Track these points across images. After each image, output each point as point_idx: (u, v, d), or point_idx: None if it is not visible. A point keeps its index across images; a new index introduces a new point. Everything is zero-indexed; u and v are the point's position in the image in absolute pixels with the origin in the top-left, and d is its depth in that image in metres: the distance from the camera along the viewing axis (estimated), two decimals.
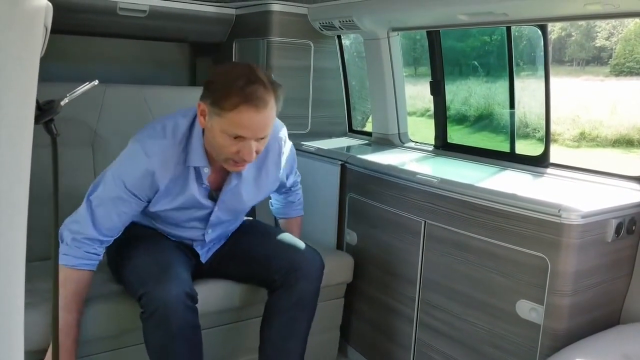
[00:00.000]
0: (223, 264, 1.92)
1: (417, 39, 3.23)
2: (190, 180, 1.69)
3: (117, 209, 1.64)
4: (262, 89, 1.50)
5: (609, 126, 9.58)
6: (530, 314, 1.71)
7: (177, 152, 1.64)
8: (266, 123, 1.55)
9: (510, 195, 1.75)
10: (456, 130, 4.09)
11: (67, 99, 0.91)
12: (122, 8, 2.26)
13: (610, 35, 11.37)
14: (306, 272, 1.83)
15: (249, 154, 1.55)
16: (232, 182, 1.75)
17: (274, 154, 1.83)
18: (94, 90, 2.12)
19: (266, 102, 1.51)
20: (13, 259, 0.63)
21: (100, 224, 1.64)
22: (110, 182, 1.63)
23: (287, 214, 2.14)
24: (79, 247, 1.63)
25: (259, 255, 1.88)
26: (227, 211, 1.81)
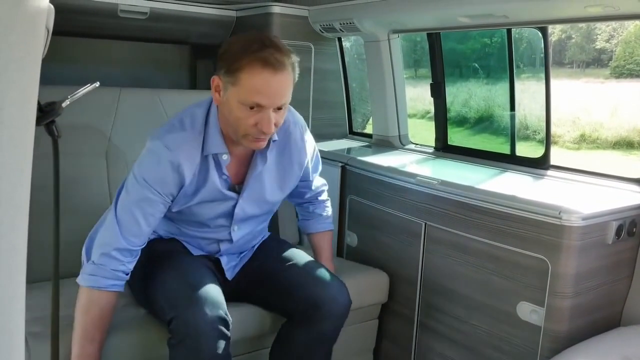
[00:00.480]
0: (247, 285, 1.79)
1: (418, 41, 3.23)
2: (210, 170, 1.58)
3: (142, 210, 1.52)
4: (277, 52, 1.42)
5: (609, 128, 9.58)
6: (531, 315, 1.71)
7: (198, 143, 1.55)
8: (284, 88, 1.45)
9: (511, 197, 1.75)
10: (456, 132, 4.09)
11: (69, 100, 0.91)
12: (123, 10, 2.26)
13: (610, 37, 11.38)
14: (329, 311, 1.68)
15: (268, 125, 1.44)
16: (257, 168, 1.63)
17: (295, 139, 1.71)
18: (107, 95, 2.13)
19: (283, 65, 1.42)
20: (14, 261, 0.63)
21: (127, 231, 1.51)
22: (133, 184, 1.53)
23: (316, 228, 1.96)
24: (107, 264, 1.50)
25: (281, 283, 1.74)
26: (252, 202, 1.69)
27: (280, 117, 1.49)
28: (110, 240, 1.51)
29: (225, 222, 1.70)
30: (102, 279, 1.49)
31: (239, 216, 1.69)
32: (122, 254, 1.51)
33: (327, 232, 1.97)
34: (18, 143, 0.61)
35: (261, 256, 1.83)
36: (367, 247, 2.30)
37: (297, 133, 1.71)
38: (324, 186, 1.96)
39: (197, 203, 1.61)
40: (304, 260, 1.80)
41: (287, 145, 1.70)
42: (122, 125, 2.17)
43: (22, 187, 0.62)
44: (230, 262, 1.79)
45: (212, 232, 1.72)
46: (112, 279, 1.50)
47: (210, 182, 1.58)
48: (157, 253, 1.67)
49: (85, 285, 1.49)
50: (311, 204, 1.95)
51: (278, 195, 1.74)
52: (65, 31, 2.26)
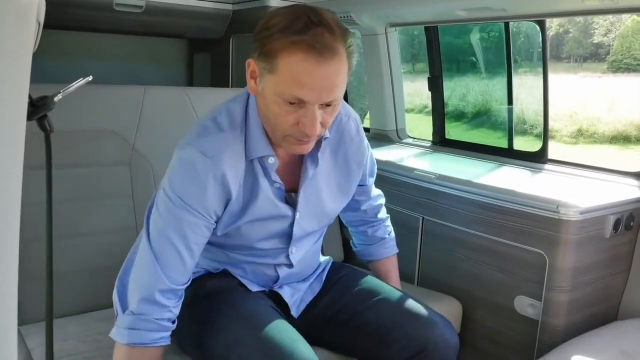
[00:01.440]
0: (321, 327, 1.45)
1: (415, 35, 3.22)
2: (260, 178, 1.27)
3: (183, 239, 1.20)
4: (327, 34, 1.09)
5: (606, 122, 9.61)
6: (529, 309, 1.71)
7: (241, 145, 1.24)
8: (334, 81, 1.12)
9: (509, 192, 1.75)
10: (454, 127, 4.09)
11: (61, 94, 0.90)
12: (118, 3, 2.24)
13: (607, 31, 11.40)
14: (444, 355, 1.35)
15: (312, 125, 1.13)
16: (308, 172, 1.31)
17: (350, 133, 1.41)
18: (130, 96, 1.96)
19: (334, 51, 1.09)
20: (6, 257, 0.63)
21: (168, 267, 1.20)
22: (166, 205, 1.21)
23: (381, 254, 1.64)
24: (149, 312, 1.19)
25: (371, 323, 1.39)
26: (310, 217, 1.37)
27: (330, 115, 1.17)
28: (148, 280, 1.20)
29: (281, 244, 1.38)
30: (146, 333, 1.19)
31: (297, 235, 1.38)
32: (165, 297, 1.20)
33: (392, 257, 1.67)
34: (9, 137, 0.60)
35: (334, 289, 1.49)
36: None
37: (351, 126, 1.41)
38: (381, 198, 1.65)
39: (247, 222, 1.29)
40: (392, 292, 1.46)
41: (341, 142, 1.39)
42: (148, 129, 1.90)
43: (13, 181, 0.61)
44: (294, 295, 1.45)
45: (267, 256, 1.40)
46: (158, 331, 1.20)
47: (262, 193, 1.28)
48: (207, 290, 1.37)
49: (126, 343, 1.19)
50: (370, 225, 1.63)
51: (339, 202, 1.43)
52: (58, 24, 2.24)
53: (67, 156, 1.71)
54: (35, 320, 1.55)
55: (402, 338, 1.34)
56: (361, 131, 1.46)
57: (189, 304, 1.30)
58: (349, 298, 1.45)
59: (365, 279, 1.51)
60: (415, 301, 1.43)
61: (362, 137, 1.45)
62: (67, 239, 1.66)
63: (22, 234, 0.65)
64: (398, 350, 1.35)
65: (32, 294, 1.33)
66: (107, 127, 1.83)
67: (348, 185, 1.43)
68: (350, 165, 1.41)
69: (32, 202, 0.92)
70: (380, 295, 1.43)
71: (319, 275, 1.53)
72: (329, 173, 1.38)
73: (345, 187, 1.43)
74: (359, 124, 1.45)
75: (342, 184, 1.41)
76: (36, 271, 1.26)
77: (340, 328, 1.43)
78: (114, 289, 1.30)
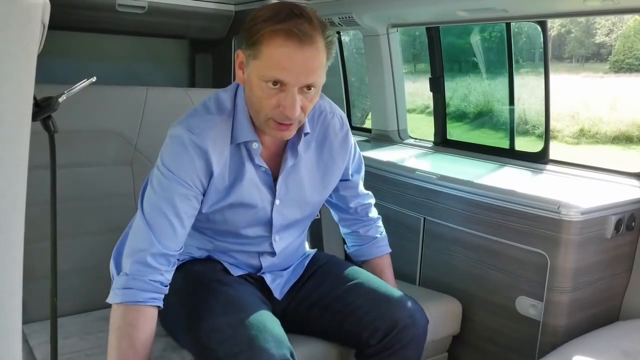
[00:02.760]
0: (302, 311, 1.53)
1: (417, 35, 3.23)
2: (245, 162, 1.36)
3: (174, 209, 1.28)
4: (306, 23, 1.20)
5: (608, 123, 9.59)
6: (530, 310, 1.71)
7: (227, 129, 1.34)
8: (312, 65, 1.22)
9: (510, 192, 1.75)
10: (456, 127, 4.09)
11: (65, 95, 0.91)
12: (121, 4, 2.25)
13: (609, 31, 11.37)
14: (413, 334, 1.43)
15: (292, 106, 1.21)
16: (287, 162, 1.40)
17: (334, 129, 1.49)
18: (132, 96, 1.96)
19: (312, 38, 1.20)
20: (11, 257, 0.63)
21: (160, 234, 1.27)
22: (158, 178, 1.30)
23: (372, 253, 1.69)
24: (142, 273, 1.25)
25: (348, 305, 1.47)
26: (291, 205, 1.45)
27: (309, 101, 1.26)
28: (142, 245, 1.26)
29: (264, 232, 1.46)
30: (139, 292, 1.24)
31: (278, 222, 1.45)
32: (158, 261, 1.26)
33: (385, 257, 1.70)
34: (14, 138, 0.60)
35: (316, 276, 1.56)
36: None
37: (336, 122, 1.50)
38: (371, 198, 1.70)
39: (230, 205, 1.37)
40: (369, 277, 1.54)
41: (326, 137, 1.48)
42: (150, 130, 1.90)
43: (18, 181, 0.62)
44: (275, 279, 1.53)
45: (251, 244, 1.48)
46: (150, 291, 1.25)
47: (247, 175, 1.36)
48: (194, 276, 1.43)
49: (119, 302, 1.23)
50: (362, 225, 1.68)
51: (320, 193, 1.51)
52: (61, 25, 2.25)
53: (69, 156, 1.72)
54: (37, 319, 1.56)
55: (377, 319, 1.42)
56: (346, 128, 1.53)
57: (177, 290, 1.36)
58: (331, 282, 1.53)
59: (347, 266, 1.59)
60: (389, 286, 1.52)
61: (347, 134, 1.53)
62: (69, 238, 1.67)
63: (25, 233, 0.65)
64: (373, 332, 1.42)
65: (34, 293, 1.33)
66: (109, 127, 1.84)
67: (330, 178, 1.51)
68: (334, 158, 1.50)
69: (35, 202, 0.92)
70: (359, 279, 1.52)
71: (301, 261, 1.59)
72: (313, 165, 1.46)
73: (328, 180, 1.51)
74: (344, 121, 1.54)
75: (325, 177, 1.50)
76: (38, 270, 1.27)
77: (324, 312, 1.50)
78: (111, 258, 1.39)
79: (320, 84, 1.27)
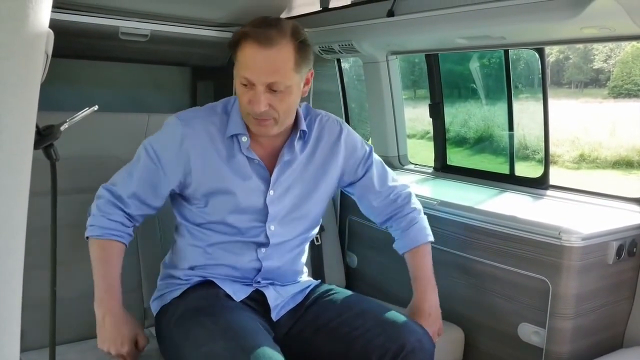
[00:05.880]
0: (306, 336, 1.53)
1: (416, 62, 3.26)
2: (237, 154, 1.51)
3: (139, 173, 1.51)
4: (275, 31, 1.37)
5: (608, 148, 9.61)
6: (533, 337, 1.69)
7: (221, 124, 1.52)
8: (274, 65, 1.38)
9: (511, 218, 1.75)
10: (456, 153, 4.10)
11: (67, 124, 0.92)
12: (124, 32, 2.28)
13: (607, 57, 11.47)
14: (420, 358, 1.42)
15: (257, 103, 1.38)
16: (284, 156, 1.54)
17: (330, 129, 1.64)
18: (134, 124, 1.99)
19: (274, 41, 1.36)
20: (10, 284, 0.63)
21: (121, 185, 1.52)
22: (139, 152, 1.53)
23: (404, 245, 1.69)
24: (103, 214, 1.50)
25: (355, 329, 1.47)
26: (287, 197, 1.56)
27: (280, 101, 1.41)
28: (106, 190, 1.53)
29: (258, 222, 1.54)
30: (97, 228, 1.50)
31: (274, 211, 1.54)
32: (114, 205, 1.51)
33: (420, 248, 1.69)
34: (15, 166, 0.61)
35: (320, 303, 1.58)
36: (367, 267, 2.29)
37: (335, 128, 1.64)
38: (403, 190, 1.72)
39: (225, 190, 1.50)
40: (375, 303, 1.59)
41: (322, 136, 1.62)
42: None
43: (19, 210, 0.62)
44: (277, 298, 1.56)
45: (244, 234, 1.54)
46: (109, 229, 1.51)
47: (238, 165, 1.51)
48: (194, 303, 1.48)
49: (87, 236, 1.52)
50: (395, 218, 1.72)
51: (315, 189, 1.61)
52: (64, 53, 2.27)
53: (71, 182, 1.73)
54: (36, 347, 1.54)
55: (386, 342, 1.42)
56: (344, 128, 1.66)
57: (177, 317, 1.45)
58: (337, 308, 1.54)
59: (349, 294, 1.61)
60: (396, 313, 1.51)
61: (342, 132, 1.65)
62: (69, 266, 1.67)
63: (24, 260, 0.65)
64: (382, 355, 1.41)
65: (34, 321, 1.32)
66: (111, 153, 1.86)
67: (326, 175, 1.62)
68: (329, 156, 1.62)
69: (35, 229, 0.92)
70: (365, 305, 1.54)
71: (302, 290, 1.63)
72: (309, 161, 1.59)
73: (323, 177, 1.61)
74: (342, 125, 1.67)
75: (318, 176, 1.61)
76: (38, 298, 1.26)
77: (330, 336, 1.49)
78: None
79: (290, 85, 1.41)
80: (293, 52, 1.40)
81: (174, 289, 1.55)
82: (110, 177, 1.82)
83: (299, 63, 1.41)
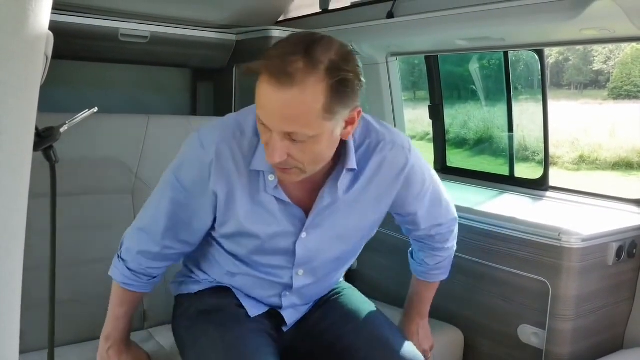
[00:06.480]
0: (307, 347, 1.46)
1: (416, 63, 3.26)
2: (261, 190, 1.25)
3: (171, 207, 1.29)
4: (301, 64, 1.02)
5: (608, 149, 9.61)
6: (532, 338, 1.69)
7: (244, 150, 1.22)
8: (290, 111, 1.05)
9: (510, 219, 1.75)
10: (456, 154, 4.10)
11: (67, 126, 0.92)
12: (124, 34, 2.28)
13: (607, 59, 11.48)
14: None
15: (271, 152, 1.09)
16: (324, 200, 1.27)
17: (392, 163, 1.31)
18: (134, 126, 1.97)
19: (295, 80, 1.02)
20: (10, 285, 0.63)
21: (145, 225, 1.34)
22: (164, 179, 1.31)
23: (430, 277, 1.60)
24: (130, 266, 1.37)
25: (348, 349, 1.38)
26: (321, 240, 1.33)
27: (301, 152, 1.10)
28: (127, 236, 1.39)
29: (286, 263, 1.36)
30: (120, 275, 1.38)
31: (302, 256, 1.33)
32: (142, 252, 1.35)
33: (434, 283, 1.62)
34: (15, 168, 0.61)
35: (325, 308, 1.48)
36: (365, 270, 2.29)
37: (399, 160, 1.31)
38: (448, 228, 1.52)
39: (249, 229, 1.28)
40: (373, 317, 1.45)
41: (379, 171, 1.31)
42: (151, 158, 1.90)
43: (18, 212, 0.62)
44: (293, 316, 1.45)
45: (271, 275, 1.38)
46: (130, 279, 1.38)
47: (261, 204, 1.26)
48: (205, 306, 1.40)
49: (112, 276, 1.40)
50: (425, 249, 1.56)
51: (359, 234, 1.40)
52: (64, 55, 2.27)
53: (70, 184, 1.73)
54: (35, 348, 1.54)
55: None
56: (410, 164, 1.33)
57: (190, 320, 1.40)
58: (334, 318, 1.45)
59: (355, 299, 1.52)
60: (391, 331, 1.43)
61: (405, 168, 1.32)
62: (69, 267, 1.66)
63: (24, 262, 0.65)
64: None
65: (33, 322, 1.32)
66: (110, 155, 1.85)
67: (374, 215, 1.37)
68: (381, 196, 1.33)
69: (34, 230, 0.93)
70: (361, 319, 1.43)
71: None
72: (355, 201, 1.30)
73: (370, 217, 1.37)
74: (408, 156, 1.33)
75: (367, 214, 1.35)
76: (37, 299, 1.26)
77: (326, 352, 1.42)
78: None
79: (315, 135, 1.08)
80: (324, 95, 1.04)
81: (192, 285, 1.47)
82: (110, 179, 1.84)
83: (331, 108, 1.06)
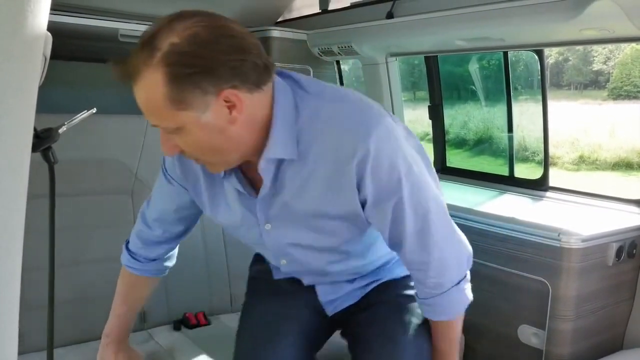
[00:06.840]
0: (354, 329, 1.40)
1: (416, 64, 3.26)
2: (218, 181, 1.23)
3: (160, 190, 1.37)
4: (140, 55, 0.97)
5: (608, 149, 9.61)
6: (532, 339, 1.69)
7: None
8: (144, 106, 1.00)
9: (510, 219, 1.75)
10: (456, 154, 4.10)
11: (65, 126, 0.92)
12: (123, 35, 2.28)
13: (607, 59, 11.48)
14: None
15: (161, 144, 1.06)
16: (264, 187, 1.14)
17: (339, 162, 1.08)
18: (133, 126, 1.96)
19: (133, 74, 0.99)
20: (9, 286, 0.63)
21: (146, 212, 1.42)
22: None
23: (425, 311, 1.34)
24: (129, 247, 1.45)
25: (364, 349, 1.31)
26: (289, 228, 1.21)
27: (184, 143, 1.03)
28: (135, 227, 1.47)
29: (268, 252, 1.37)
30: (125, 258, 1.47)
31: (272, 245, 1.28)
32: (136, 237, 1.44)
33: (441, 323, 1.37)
34: (14, 169, 0.61)
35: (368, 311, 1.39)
36: None
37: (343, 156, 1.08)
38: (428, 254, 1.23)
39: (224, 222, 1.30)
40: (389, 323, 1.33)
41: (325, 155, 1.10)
42: (150, 158, 1.89)
43: (17, 213, 0.62)
44: (328, 294, 1.40)
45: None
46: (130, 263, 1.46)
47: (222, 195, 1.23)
48: (252, 275, 1.54)
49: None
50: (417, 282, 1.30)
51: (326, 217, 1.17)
52: (63, 55, 2.27)
53: (69, 185, 1.73)
54: (34, 349, 1.54)
55: None
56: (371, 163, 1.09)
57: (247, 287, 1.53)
58: (369, 335, 1.32)
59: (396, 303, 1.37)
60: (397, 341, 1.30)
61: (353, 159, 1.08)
62: (68, 268, 1.67)
63: (23, 262, 0.65)
64: None
65: (32, 323, 1.32)
66: (110, 156, 1.86)
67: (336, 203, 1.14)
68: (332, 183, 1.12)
69: (33, 231, 0.93)
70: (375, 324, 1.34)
71: (363, 287, 1.42)
72: (302, 185, 1.13)
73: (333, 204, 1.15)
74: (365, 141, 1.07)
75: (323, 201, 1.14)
76: (36, 300, 1.26)
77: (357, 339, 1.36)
78: None
79: (179, 127, 0.99)
80: (162, 85, 0.94)
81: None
82: (109, 179, 1.84)
83: (177, 96, 0.94)
